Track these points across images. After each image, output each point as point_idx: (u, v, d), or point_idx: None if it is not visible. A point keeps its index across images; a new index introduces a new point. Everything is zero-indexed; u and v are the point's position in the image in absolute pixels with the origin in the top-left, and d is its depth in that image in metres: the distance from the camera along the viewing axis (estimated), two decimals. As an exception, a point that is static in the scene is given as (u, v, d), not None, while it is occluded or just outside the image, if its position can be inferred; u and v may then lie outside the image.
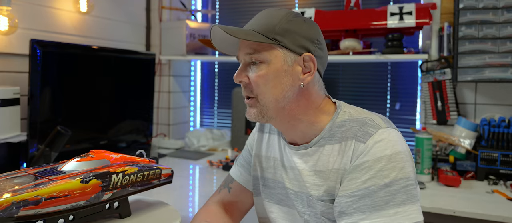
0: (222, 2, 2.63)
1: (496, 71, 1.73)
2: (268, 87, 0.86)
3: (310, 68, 0.87)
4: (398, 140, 0.82)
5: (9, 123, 1.58)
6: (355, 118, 0.87)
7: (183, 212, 1.44)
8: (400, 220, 0.76)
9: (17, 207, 0.71)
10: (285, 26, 0.85)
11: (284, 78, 0.85)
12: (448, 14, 1.89)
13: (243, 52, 0.88)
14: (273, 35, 0.84)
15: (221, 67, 2.67)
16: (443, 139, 1.79)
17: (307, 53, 0.86)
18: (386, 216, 0.77)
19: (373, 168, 0.79)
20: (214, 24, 0.86)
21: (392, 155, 0.80)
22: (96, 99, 1.92)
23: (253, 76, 0.86)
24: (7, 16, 1.61)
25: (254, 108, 0.88)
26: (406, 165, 0.80)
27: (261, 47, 0.85)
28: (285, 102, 0.86)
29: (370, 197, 0.78)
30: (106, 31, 2.20)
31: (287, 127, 0.92)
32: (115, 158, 0.93)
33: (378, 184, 0.78)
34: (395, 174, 0.78)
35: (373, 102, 2.24)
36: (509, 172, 1.65)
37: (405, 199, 0.78)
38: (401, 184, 0.78)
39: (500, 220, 1.30)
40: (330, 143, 0.87)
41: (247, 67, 0.88)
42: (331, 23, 1.93)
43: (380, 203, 0.77)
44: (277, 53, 0.85)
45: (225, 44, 0.93)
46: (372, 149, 0.80)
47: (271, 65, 0.85)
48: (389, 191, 0.78)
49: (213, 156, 2.23)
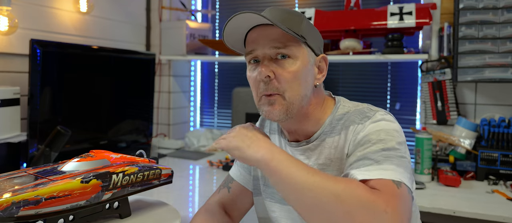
0: (222, 2, 2.63)
1: (496, 71, 1.73)
2: (297, 84, 0.85)
3: (323, 69, 0.91)
4: (395, 122, 0.85)
5: (9, 123, 1.58)
6: (354, 110, 0.89)
7: (183, 212, 1.44)
8: (398, 176, 0.73)
9: (17, 207, 0.71)
10: (307, 27, 0.87)
11: (308, 76, 0.87)
12: (448, 14, 1.90)
13: (269, 45, 0.84)
14: (301, 33, 0.85)
15: (221, 67, 2.67)
16: (443, 139, 1.79)
17: (323, 55, 0.91)
18: (384, 170, 0.74)
19: (372, 139, 0.80)
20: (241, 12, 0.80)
21: (390, 130, 0.81)
22: (96, 99, 1.92)
23: (283, 72, 0.84)
24: (7, 16, 1.61)
25: (279, 105, 0.85)
26: (402, 146, 0.80)
27: (291, 42, 0.84)
28: (305, 101, 0.87)
29: (369, 158, 0.77)
30: (106, 31, 2.20)
31: (296, 126, 0.91)
32: (115, 158, 0.93)
33: (376, 148, 0.78)
34: (392, 143, 0.79)
35: (373, 102, 2.20)
36: (509, 172, 1.65)
37: (400, 164, 0.76)
38: (397, 153, 0.77)
39: (500, 220, 1.30)
40: (331, 136, 0.88)
41: (272, 62, 0.85)
42: (331, 23, 1.93)
43: (379, 160, 0.76)
44: (303, 50, 0.86)
45: (234, 37, 0.90)
46: (370, 126, 0.83)
47: (299, 61, 0.85)
48: (386, 154, 0.77)
49: (213, 156, 2.23)
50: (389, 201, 0.67)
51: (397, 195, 0.70)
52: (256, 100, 0.90)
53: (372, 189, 0.70)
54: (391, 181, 0.72)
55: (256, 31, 0.86)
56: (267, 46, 0.84)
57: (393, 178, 0.73)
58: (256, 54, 0.87)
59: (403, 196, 0.71)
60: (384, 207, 0.66)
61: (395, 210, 0.67)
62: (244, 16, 0.81)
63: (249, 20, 0.84)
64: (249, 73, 0.90)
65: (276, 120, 0.87)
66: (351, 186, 0.69)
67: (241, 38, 0.91)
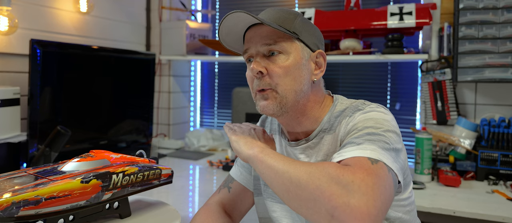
0: (222, 2, 2.63)
1: (496, 71, 1.73)
2: (289, 79, 0.86)
3: (321, 64, 0.92)
4: (387, 114, 0.85)
5: (9, 123, 1.58)
6: (350, 106, 0.90)
7: (183, 212, 1.44)
8: (378, 156, 0.72)
9: (17, 207, 0.71)
10: (301, 23, 0.89)
11: (302, 72, 0.88)
12: (448, 14, 1.90)
13: (260, 43, 0.87)
14: (293, 29, 0.87)
15: (221, 67, 2.67)
16: (443, 139, 1.79)
17: (319, 50, 0.92)
18: (363, 150, 0.73)
19: (358, 127, 0.80)
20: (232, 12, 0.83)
21: (378, 119, 0.81)
22: (96, 99, 1.92)
23: (274, 67, 0.86)
24: (7, 16, 1.61)
25: (272, 100, 0.87)
26: (390, 134, 0.78)
27: (282, 38, 0.87)
28: (301, 96, 0.88)
29: (351, 142, 0.77)
30: (106, 31, 2.20)
31: (295, 124, 0.93)
32: (115, 158, 0.93)
33: (361, 133, 0.78)
34: (378, 131, 0.78)
35: (373, 102, 2.24)
36: (509, 172, 1.65)
37: (383, 147, 0.75)
38: (382, 138, 0.76)
39: (500, 220, 1.30)
40: (330, 133, 0.90)
41: (265, 58, 0.88)
42: (331, 23, 1.93)
43: (360, 142, 0.75)
44: (296, 46, 0.88)
45: (231, 38, 0.93)
46: (359, 116, 0.84)
47: (291, 57, 0.87)
48: (369, 138, 0.76)
49: (213, 156, 2.23)
50: (356, 173, 0.66)
51: (368, 169, 0.68)
52: (253, 97, 0.93)
53: (342, 165, 0.70)
54: (366, 158, 0.71)
55: (251, 30, 0.90)
56: (259, 43, 0.88)
57: (370, 156, 0.72)
58: (250, 53, 0.90)
59: (378, 172, 0.68)
60: (351, 178, 0.65)
61: (364, 181, 0.65)
62: (235, 15, 0.84)
63: (242, 20, 0.86)
64: (247, 72, 0.93)
65: (271, 114, 0.89)
66: (323, 165, 0.70)
67: (239, 38, 0.93)
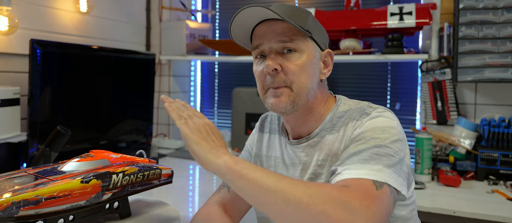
0: (222, 2, 2.63)
1: (496, 71, 1.73)
2: (304, 77, 0.87)
3: (329, 64, 0.94)
4: (394, 119, 0.85)
5: (9, 123, 1.58)
6: (354, 107, 0.90)
7: (183, 212, 1.44)
8: (384, 178, 0.72)
9: (17, 207, 0.71)
10: (313, 22, 0.90)
11: (314, 70, 0.89)
12: (448, 14, 1.89)
13: (275, 39, 0.86)
14: (306, 27, 0.88)
15: (221, 67, 2.67)
16: (443, 139, 1.79)
17: (328, 50, 0.93)
18: (369, 169, 0.73)
19: (366, 137, 0.80)
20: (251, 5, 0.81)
21: (386, 128, 0.81)
22: (96, 99, 1.92)
23: (291, 64, 0.86)
24: (7, 16, 1.61)
25: (286, 97, 0.87)
26: (396, 144, 0.79)
27: (297, 36, 0.87)
28: (311, 94, 0.89)
29: (357, 155, 0.77)
30: (106, 31, 2.20)
31: (301, 121, 0.93)
32: (115, 158, 0.93)
33: (368, 145, 0.78)
34: (386, 142, 0.78)
35: (373, 102, 2.23)
36: (509, 172, 1.65)
37: (389, 164, 0.75)
38: (389, 151, 0.77)
39: (500, 220, 1.30)
40: (332, 133, 0.89)
41: (279, 56, 0.87)
42: (331, 23, 1.93)
43: (366, 158, 0.75)
44: (309, 44, 0.88)
45: (240, 32, 0.92)
46: (367, 122, 0.83)
47: (305, 55, 0.87)
48: (376, 152, 0.76)
49: (213, 156, 2.22)
50: (362, 200, 0.66)
51: (372, 195, 0.68)
52: (261, 94, 0.92)
53: (345, 187, 0.69)
54: (371, 182, 0.71)
55: (263, 25, 0.89)
56: (274, 40, 0.87)
57: (376, 178, 0.71)
58: (262, 49, 0.89)
59: (381, 198, 0.69)
60: (358, 205, 0.65)
61: (370, 209, 0.65)
62: (253, 9, 0.82)
63: (258, 14, 0.85)
64: (255, 68, 0.92)
65: (282, 112, 0.88)
66: (324, 187, 0.68)
67: (248, 33, 0.93)
